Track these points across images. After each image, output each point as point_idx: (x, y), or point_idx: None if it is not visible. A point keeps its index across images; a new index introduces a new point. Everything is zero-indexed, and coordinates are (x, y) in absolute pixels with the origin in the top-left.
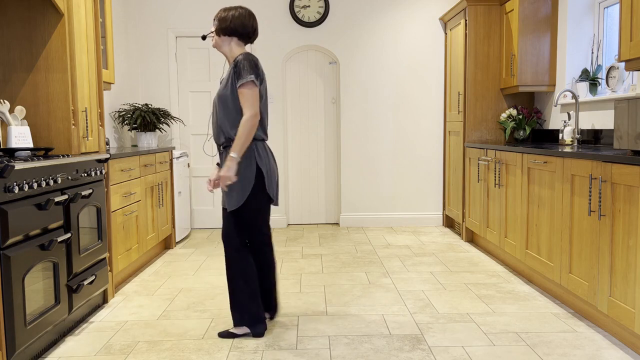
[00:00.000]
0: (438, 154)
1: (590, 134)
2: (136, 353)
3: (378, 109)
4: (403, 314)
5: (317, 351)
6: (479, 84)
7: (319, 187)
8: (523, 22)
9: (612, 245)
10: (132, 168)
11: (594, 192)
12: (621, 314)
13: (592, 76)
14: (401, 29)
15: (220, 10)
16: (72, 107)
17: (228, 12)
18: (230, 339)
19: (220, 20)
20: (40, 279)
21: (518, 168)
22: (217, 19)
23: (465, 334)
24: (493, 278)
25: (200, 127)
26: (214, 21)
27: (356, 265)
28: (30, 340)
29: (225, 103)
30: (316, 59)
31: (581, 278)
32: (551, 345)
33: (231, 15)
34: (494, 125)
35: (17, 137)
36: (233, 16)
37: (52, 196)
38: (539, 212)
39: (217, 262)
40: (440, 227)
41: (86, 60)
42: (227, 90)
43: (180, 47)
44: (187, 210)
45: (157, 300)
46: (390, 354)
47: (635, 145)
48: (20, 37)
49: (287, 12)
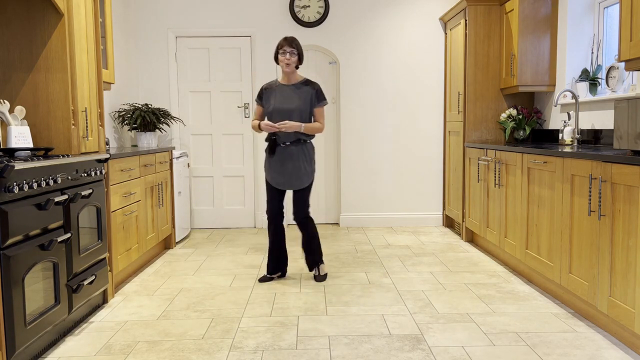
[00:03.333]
0: (438, 154)
1: (590, 134)
2: (136, 353)
3: (378, 109)
4: (403, 314)
5: (317, 351)
6: (479, 84)
7: (319, 187)
8: (523, 22)
9: (612, 245)
10: (132, 168)
11: (593, 192)
12: (621, 313)
13: (592, 76)
14: (401, 29)
15: (296, 40)
16: (72, 107)
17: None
18: (230, 339)
19: (300, 51)
20: (40, 279)
21: (518, 168)
22: (298, 48)
23: (465, 334)
24: (493, 278)
25: (200, 127)
26: (295, 49)
27: (356, 265)
28: (30, 340)
29: (304, 114)
30: (316, 59)
31: (581, 278)
32: (551, 345)
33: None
34: (494, 125)
35: (17, 137)
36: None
37: (52, 196)
38: (539, 212)
39: (217, 262)
40: (440, 227)
41: (86, 60)
42: (307, 105)
43: (180, 47)
44: (187, 210)
45: (157, 300)
46: (390, 354)
47: (635, 145)
48: (20, 37)
49: (287, 12)
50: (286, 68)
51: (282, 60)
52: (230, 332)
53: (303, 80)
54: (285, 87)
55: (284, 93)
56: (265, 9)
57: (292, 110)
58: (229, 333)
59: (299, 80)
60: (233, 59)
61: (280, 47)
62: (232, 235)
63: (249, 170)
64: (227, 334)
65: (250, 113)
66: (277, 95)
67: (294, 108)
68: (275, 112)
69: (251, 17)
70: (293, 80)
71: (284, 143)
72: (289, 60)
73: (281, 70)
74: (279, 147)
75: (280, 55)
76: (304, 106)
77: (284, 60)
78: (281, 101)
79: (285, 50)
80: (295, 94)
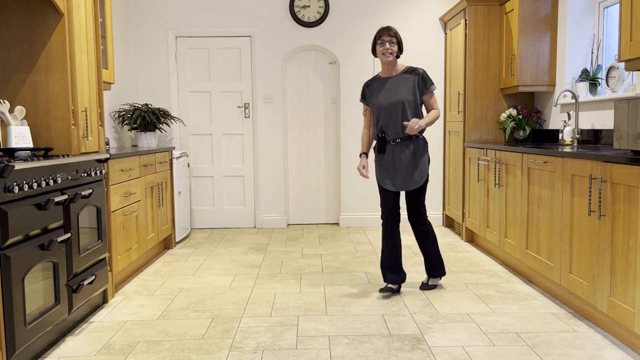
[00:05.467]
0: (438, 153)
1: (590, 134)
2: (136, 353)
3: None
4: (403, 314)
5: (317, 351)
6: (479, 84)
7: (319, 187)
8: (523, 22)
9: (612, 245)
10: (132, 168)
11: (593, 192)
12: (621, 314)
13: (592, 76)
14: (401, 29)
15: (394, 28)
16: (72, 107)
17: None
18: (230, 339)
19: (400, 39)
20: (40, 279)
21: (518, 168)
22: (397, 37)
23: (465, 334)
24: (493, 278)
25: (200, 127)
26: (394, 37)
27: (356, 265)
28: (30, 340)
29: (412, 104)
30: (316, 59)
31: (581, 278)
32: (551, 345)
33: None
34: (494, 125)
35: (17, 137)
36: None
37: (52, 196)
38: (539, 212)
39: (217, 262)
40: (440, 227)
41: (86, 60)
42: (414, 94)
43: (180, 47)
44: (187, 210)
45: (157, 300)
46: (390, 354)
47: (635, 145)
48: (20, 37)
49: (287, 12)
50: (386, 58)
51: (382, 51)
52: (230, 332)
53: (405, 68)
54: (388, 79)
55: (387, 86)
56: (265, 9)
57: (399, 102)
58: (229, 333)
59: (401, 69)
60: (233, 59)
61: (379, 38)
62: (232, 235)
63: (249, 170)
64: (227, 334)
65: (250, 113)
66: (380, 90)
67: (401, 100)
68: (382, 108)
69: (251, 17)
70: (394, 71)
71: (394, 140)
72: (390, 49)
73: (381, 63)
74: (389, 145)
75: (379, 46)
76: (412, 96)
77: (384, 51)
78: (386, 96)
79: (384, 40)
80: (401, 85)
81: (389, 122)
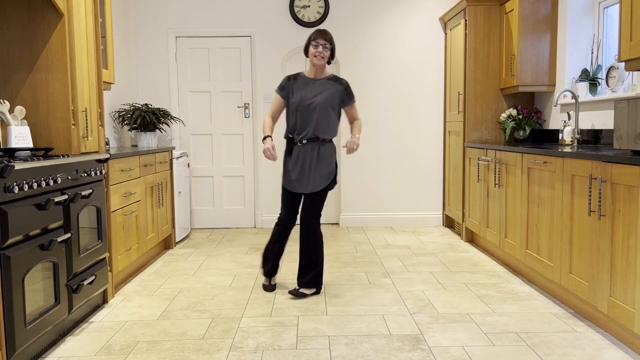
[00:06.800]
0: (438, 153)
1: (590, 134)
2: (136, 353)
3: (378, 109)
4: (403, 314)
5: (317, 351)
6: (478, 84)
7: None
8: (523, 22)
9: (612, 245)
10: (132, 168)
11: (593, 192)
12: (621, 313)
13: (592, 76)
14: (401, 29)
15: (330, 34)
16: (72, 107)
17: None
18: (230, 339)
19: (334, 46)
20: (40, 279)
21: (518, 168)
22: (331, 42)
23: (465, 334)
24: (493, 278)
25: (200, 127)
26: (329, 43)
27: (356, 265)
28: (30, 341)
29: (329, 111)
30: None
31: (581, 278)
32: (551, 345)
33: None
34: (494, 125)
35: (17, 137)
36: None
37: (52, 196)
38: (539, 212)
39: (217, 262)
40: (440, 227)
41: (86, 60)
42: (335, 102)
43: (180, 47)
44: (187, 210)
45: (157, 300)
46: (390, 354)
47: (635, 145)
48: (20, 37)
49: (287, 12)
50: (318, 61)
51: (314, 53)
52: (230, 332)
53: (331, 75)
54: (313, 81)
55: (310, 87)
56: (265, 9)
57: (318, 105)
58: (229, 333)
59: (327, 75)
60: (233, 59)
61: (314, 39)
62: (232, 235)
63: (249, 170)
64: (227, 334)
65: (250, 113)
66: (302, 90)
67: (321, 103)
68: (301, 107)
69: (251, 17)
70: (320, 75)
71: (301, 142)
72: (322, 53)
73: (310, 63)
74: (295, 147)
75: (312, 47)
76: (332, 102)
77: (316, 53)
78: (307, 96)
79: (318, 42)
80: (324, 90)
81: (303, 122)
